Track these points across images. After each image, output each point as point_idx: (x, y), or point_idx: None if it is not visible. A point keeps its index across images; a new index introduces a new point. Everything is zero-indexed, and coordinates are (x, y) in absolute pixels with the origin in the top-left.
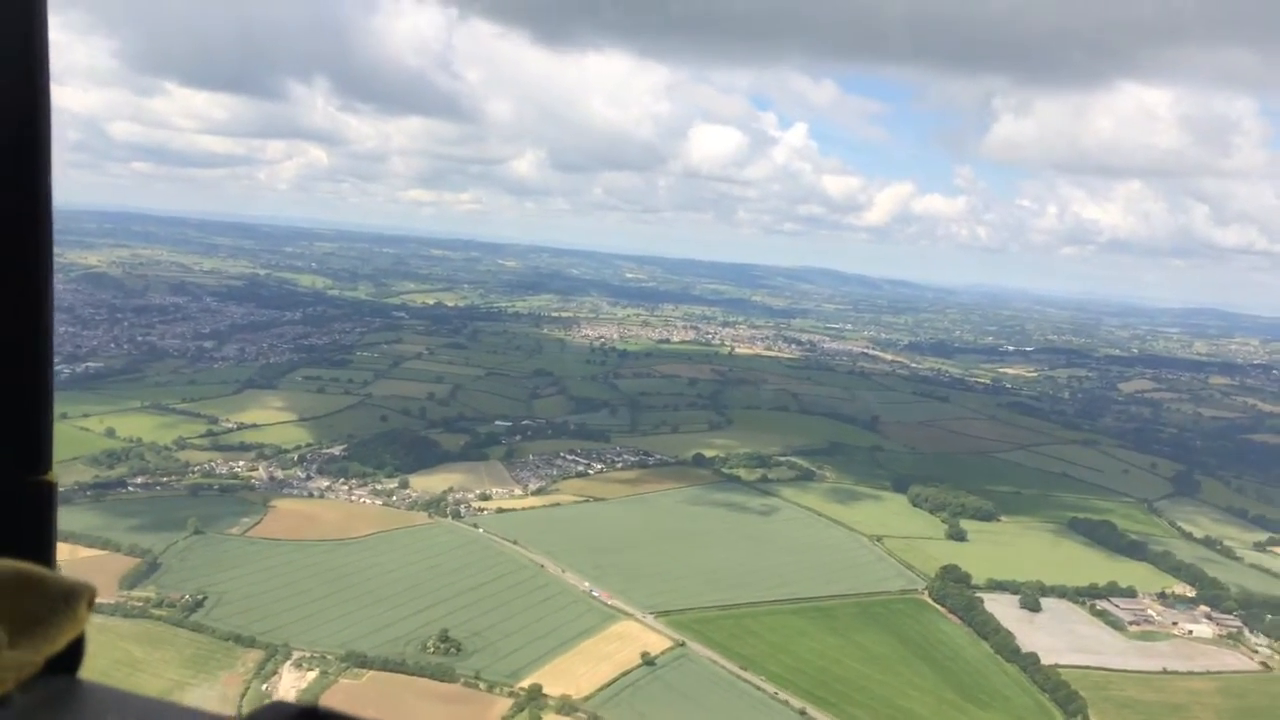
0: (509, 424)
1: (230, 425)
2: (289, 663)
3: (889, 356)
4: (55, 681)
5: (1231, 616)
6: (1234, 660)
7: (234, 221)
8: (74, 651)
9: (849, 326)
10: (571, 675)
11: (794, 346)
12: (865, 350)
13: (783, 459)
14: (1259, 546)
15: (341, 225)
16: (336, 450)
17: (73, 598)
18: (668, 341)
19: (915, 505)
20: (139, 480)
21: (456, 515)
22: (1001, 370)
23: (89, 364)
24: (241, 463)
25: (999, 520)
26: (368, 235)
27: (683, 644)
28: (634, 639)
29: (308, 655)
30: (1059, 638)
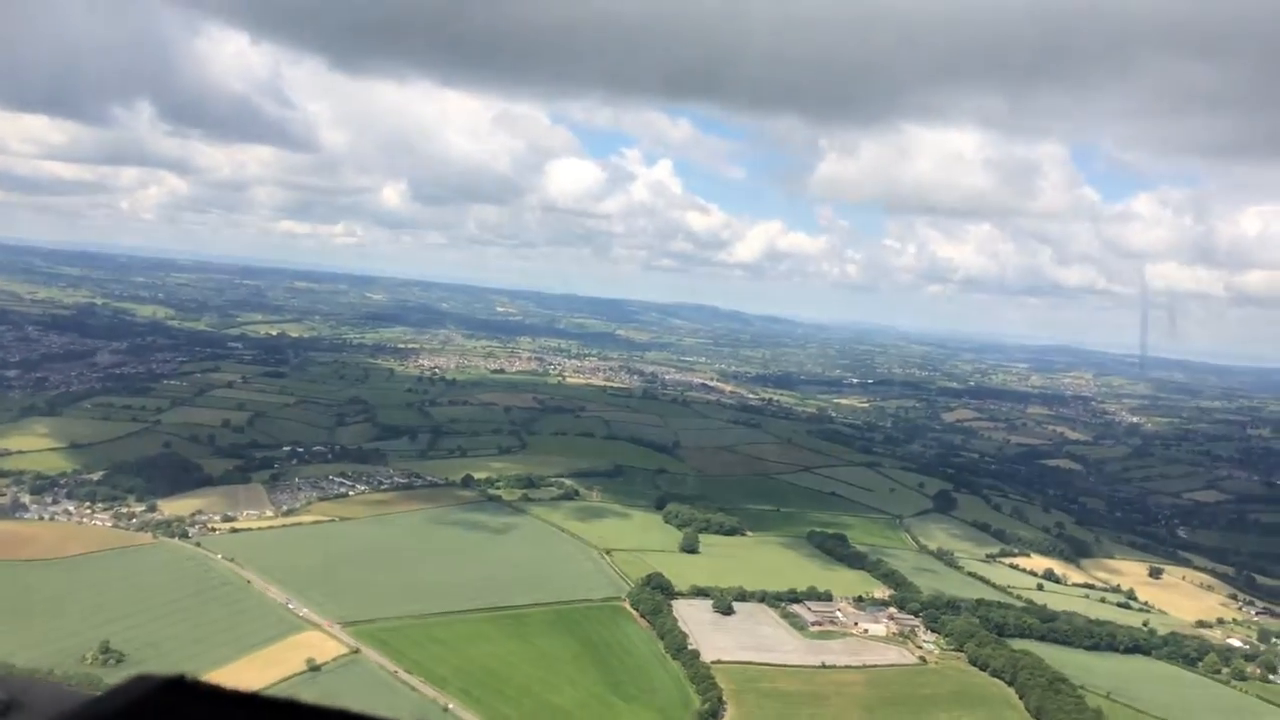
0: (289, 450)
1: None
2: None
3: (728, 388)
4: None
5: (914, 617)
6: (896, 655)
7: (90, 251)
8: None
9: (703, 359)
10: (228, 681)
11: (635, 377)
12: (706, 381)
13: (554, 480)
14: (989, 558)
15: (208, 257)
16: (96, 476)
17: None
18: (502, 372)
19: (667, 522)
20: None
21: (184, 536)
22: (837, 401)
23: None
24: None
25: (743, 535)
26: (232, 267)
27: (357, 651)
28: (311, 647)
29: None
30: (737, 637)
